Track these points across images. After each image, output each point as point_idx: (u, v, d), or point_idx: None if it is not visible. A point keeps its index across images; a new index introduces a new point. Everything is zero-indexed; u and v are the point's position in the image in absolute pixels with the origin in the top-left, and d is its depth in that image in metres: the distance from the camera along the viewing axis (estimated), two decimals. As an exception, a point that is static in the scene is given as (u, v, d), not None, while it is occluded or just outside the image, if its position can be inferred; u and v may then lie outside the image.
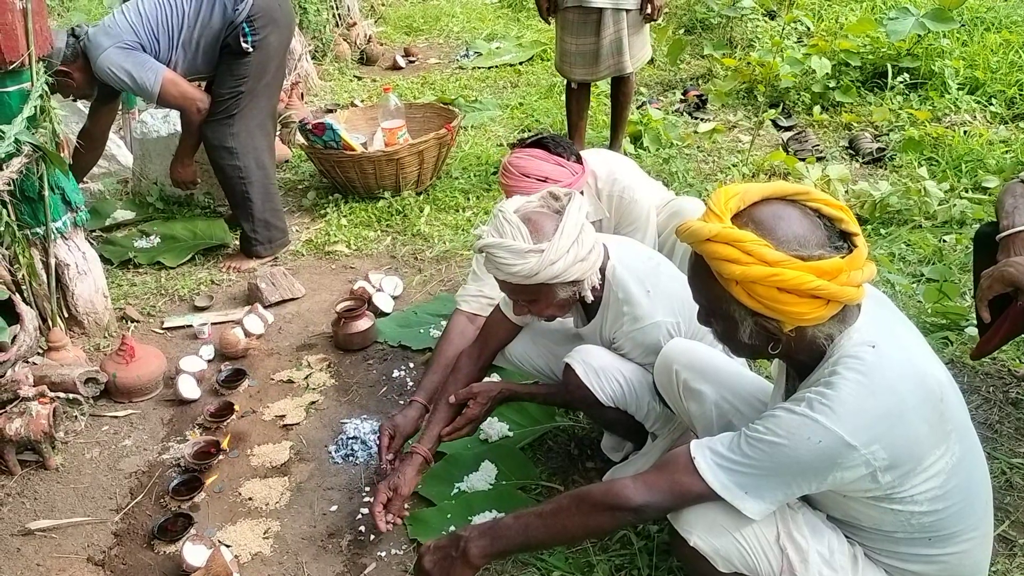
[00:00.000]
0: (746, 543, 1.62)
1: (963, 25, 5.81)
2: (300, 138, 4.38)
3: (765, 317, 1.51)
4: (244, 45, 3.57)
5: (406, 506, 2.32)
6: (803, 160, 4.39)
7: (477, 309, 2.69)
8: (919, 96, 5.23)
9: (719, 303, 1.56)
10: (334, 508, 2.46)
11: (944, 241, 3.65)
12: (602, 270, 2.20)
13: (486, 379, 2.53)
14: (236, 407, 2.87)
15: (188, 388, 2.95)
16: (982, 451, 1.67)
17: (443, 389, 2.42)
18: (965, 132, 4.66)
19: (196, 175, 4.02)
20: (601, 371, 2.24)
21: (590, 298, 2.19)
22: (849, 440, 1.47)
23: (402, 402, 2.87)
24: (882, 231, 3.78)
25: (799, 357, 1.60)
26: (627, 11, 4.15)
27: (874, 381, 1.49)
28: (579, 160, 2.70)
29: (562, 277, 2.06)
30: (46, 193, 2.96)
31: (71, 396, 2.80)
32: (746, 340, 1.58)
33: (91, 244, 3.31)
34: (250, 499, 2.50)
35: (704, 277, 1.56)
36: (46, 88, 2.91)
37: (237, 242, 4.00)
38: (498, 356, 2.52)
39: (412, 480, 2.29)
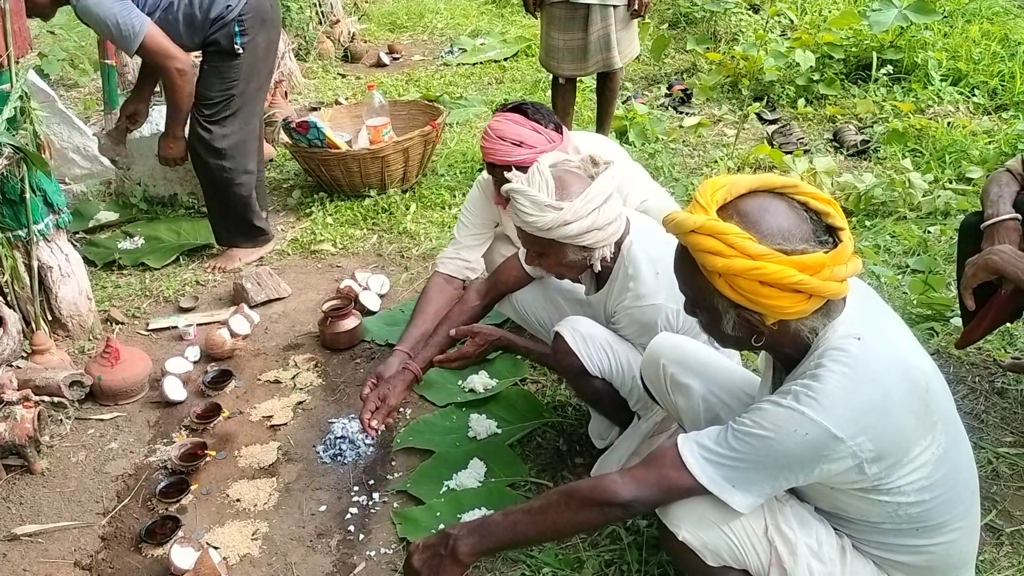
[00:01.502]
0: (734, 536, 1.62)
1: (945, 17, 5.84)
2: (284, 136, 4.36)
3: (747, 310, 1.52)
4: (235, 47, 3.53)
5: (395, 421, 2.58)
6: (789, 153, 4.40)
7: (453, 271, 2.82)
8: (902, 88, 5.26)
9: (702, 294, 1.57)
10: (323, 508, 2.45)
11: (929, 232, 3.67)
12: (620, 244, 2.23)
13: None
14: (223, 408, 2.85)
15: (174, 390, 2.93)
16: (968, 441, 1.68)
17: (447, 316, 2.57)
18: (948, 123, 4.68)
19: (185, 151, 3.86)
20: (589, 339, 2.28)
21: (598, 267, 2.22)
22: (835, 432, 1.47)
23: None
24: (867, 223, 3.79)
25: (784, 350, 1.61)
26: (614, 7, 4.14)
27: (860, 373, 1.49)
28: (559, 129, 2.71)
29: (575, 240, 2.10)
30: (27, 195, 2.94)
31: (56, 399, 2.78)
32: (729, 332, 1.58)
33: (74, 246, 3.29)
34: (238, 500, 2.49)
35: (688, 268, 1.56)
36: (26, 90, 2.89)
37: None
38: (504, 302, 2.61)
39: (400, 393, 2.46)
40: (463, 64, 6.81)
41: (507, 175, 2.20)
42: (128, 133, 4.02)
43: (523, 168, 2.41)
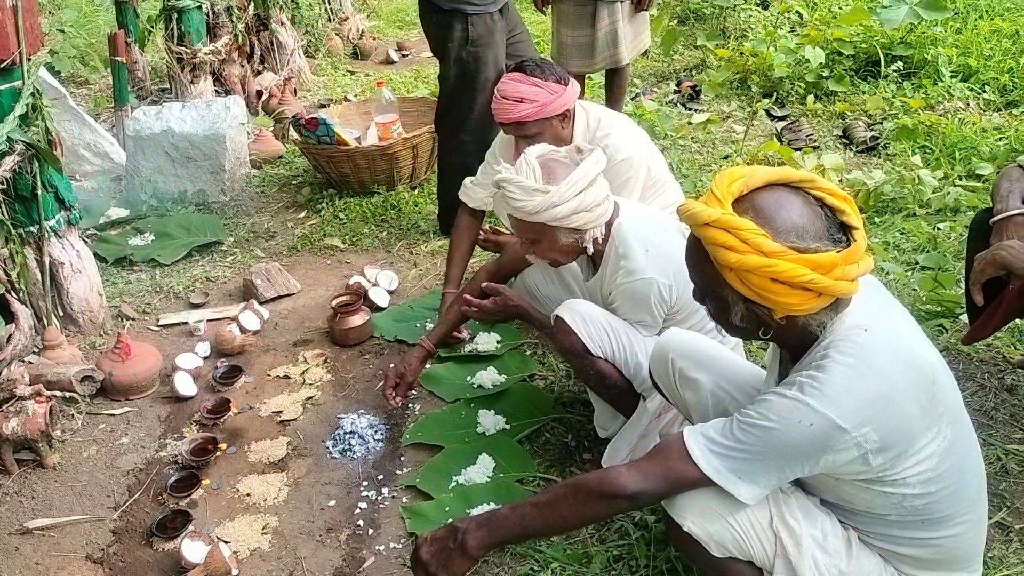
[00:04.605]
0: (739, 527, 1.62)
1: (956, 13, 5.80)
2: (294, 133, 4.37)
3: (756, 304, 1.52)
4: None
5: (412, 393, 2.84)
6: (798, 150, 4.39)
7: (477, 204, 3.14)
8: (912, 84, 5.23)
9: (712, 285, 1.57)
10: (332, 503, 2.46)
11: (938, 229, 3.65)
12: (610, 227, 2.31)
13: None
14: (233, 403, 2.87)
15: (184, 385, 2.95)
16: (975, 435, 1.67)
17: (457, 297, 2.82)
18: (959, 120, 4.66)
19: None
20: (589, 319, 2.33)
21: (590, 249, 2.30)
22: (840, 423, 1.48)
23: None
24: (876, 220, 3.78)
25: (791, 341, 1.61)
26: (621, 1, 4.14)
27: (865, 364, 1.49)
28: (562, 81, 2.77)
29: (563, 222, 2.20)
30: (39, 191, 2.96)
31: (67, 395, 2.80)
32: (737, 323, 1.59)
33: (85, 242, 3.31)
34: (248, 495, 2.50)
35: (700, 258, 1.57)
36: (37, 86, 2.91)
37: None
38: (517, 281, 2.79)
39: (416, 368, 2.78)
40: (472, 61, 6.80)
41: (496, 167, 2.35)
42: None
43: (529, 123, 2.70)
